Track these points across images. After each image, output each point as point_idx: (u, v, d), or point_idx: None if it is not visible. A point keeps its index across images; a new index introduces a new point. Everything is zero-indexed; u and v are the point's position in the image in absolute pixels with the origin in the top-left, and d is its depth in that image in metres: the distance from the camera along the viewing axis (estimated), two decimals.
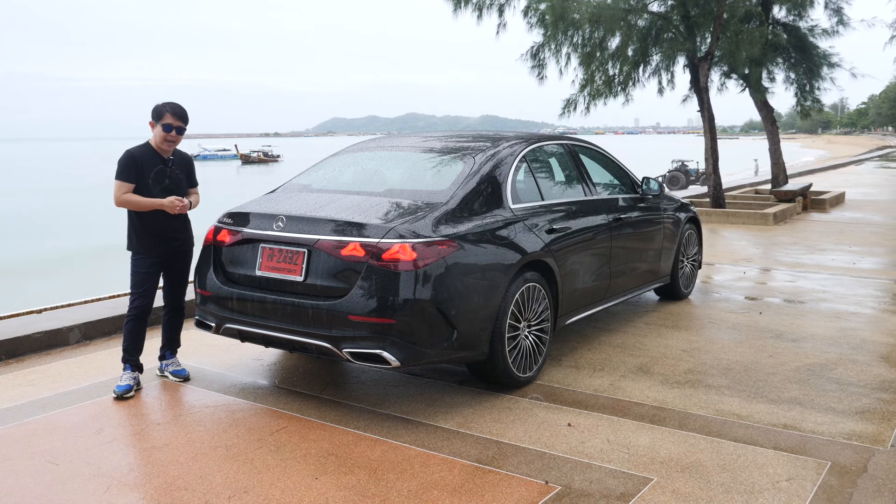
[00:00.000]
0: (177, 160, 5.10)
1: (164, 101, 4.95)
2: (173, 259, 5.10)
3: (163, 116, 4.91)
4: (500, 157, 5.18)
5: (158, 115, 4.92)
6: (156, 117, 4.92)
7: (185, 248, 5.16)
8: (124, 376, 4.96)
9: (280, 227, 4.63)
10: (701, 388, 4.94)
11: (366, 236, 4.34)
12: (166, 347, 5.26)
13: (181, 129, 4.98)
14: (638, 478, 3.67)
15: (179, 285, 5.22)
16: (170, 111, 4.92)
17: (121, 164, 4.86)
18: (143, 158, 4.91)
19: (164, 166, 4.98)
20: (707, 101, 14.77)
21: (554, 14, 13.85)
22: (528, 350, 4.94)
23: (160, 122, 4.91)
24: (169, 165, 5.01)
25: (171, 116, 4.92)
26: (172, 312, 5.24)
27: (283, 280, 4.57)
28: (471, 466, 3.81)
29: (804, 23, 16.82)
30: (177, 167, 5.08)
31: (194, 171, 5.31)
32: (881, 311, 7.11)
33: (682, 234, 7.35)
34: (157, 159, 4.97)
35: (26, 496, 3.55)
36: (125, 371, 4.98)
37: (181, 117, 4.96)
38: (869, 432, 4.21)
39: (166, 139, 4.93)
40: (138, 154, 4.91)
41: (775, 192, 16.47)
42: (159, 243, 4.99)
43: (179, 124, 4.96)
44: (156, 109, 4.95)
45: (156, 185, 4.93)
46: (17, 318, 6.46)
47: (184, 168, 5.16)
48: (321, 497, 3.50)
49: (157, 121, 4.92)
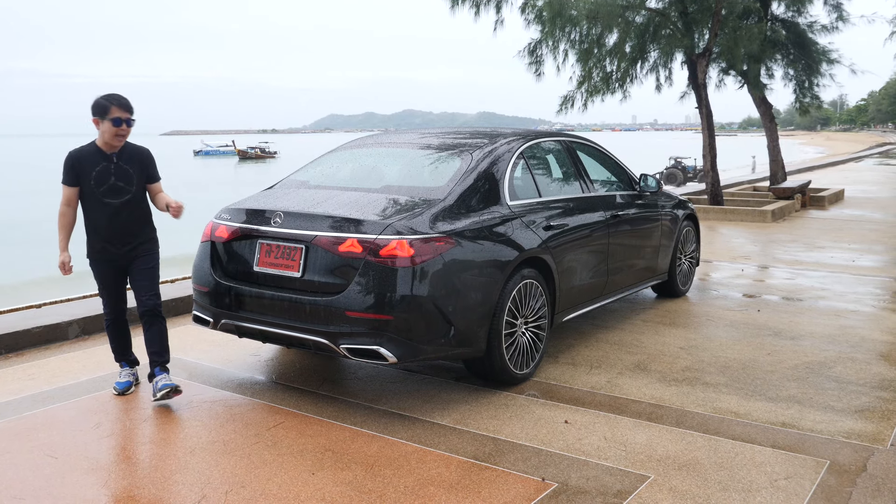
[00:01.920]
0: (126, 155, 4.64)
1: (104, 95, 4.56)
2: (132, 261, 4.71)
3: (109, 111, 4.49)
4: (497, 154, 5.18)
5: (104, 110, 4.50)
6: (100, 113, 4.50)
7: (144, 248, 4.74)
8: (123, 373, 4.91)
9: (278, 224, 4.63)
10: (698, 385, 4.94)
11: (363, 232, 4.34)
12: (154, 364, 4.72)
13: (130, 121, 4.56)
14: (635, 475, 3.67)
15: (148, 287, 4.71)
16: (116, 104, 4.51)
17: (63, 167, 4.56)
18: (83, 158, 4.54)
19: (107, 164, 4.56)
20: (705, 98, 14.76)
21: (551, 10, 13.84)
22: (525, 347, 4.94)
23: (107, 116, 4.49)
24: (114, 161, 4.58)
25: (119, 109, 4.51)
26: (149, 321, 4.71)
27: (280, 276, 4.56)
28: (467, 463, 3.81)
29: (803, 19, 16.84)
30: (126, 163, 4.62)
31: (153, 164, 4.79)
32: (880, 308, 7.11)
33: (680, 231, 7.35)
34: (98, 157, 4.56)
35: (25, 489, 3.55)
36: (123, 368, 4.93)
37: (128, 108, 4.55)
38: (868, 431, 4.21)
39: (118, 134, 4.53)
40: (78, 154, 4.56)
41: (774, 189, 16.47)
42: (110, 247, 4.64)
43: (128, 116, 4.54)
44: (98, 105, 4.52)
45: (100, 185, 4.54)
46: (17, 312, 6.46)
47: (136, 163, 4.66)
48: (318, 492, 3.50)
49: (102, 116, 4.50)
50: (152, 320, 4.72)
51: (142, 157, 4.72)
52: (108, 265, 4.71)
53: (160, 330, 4.74)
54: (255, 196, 5.29)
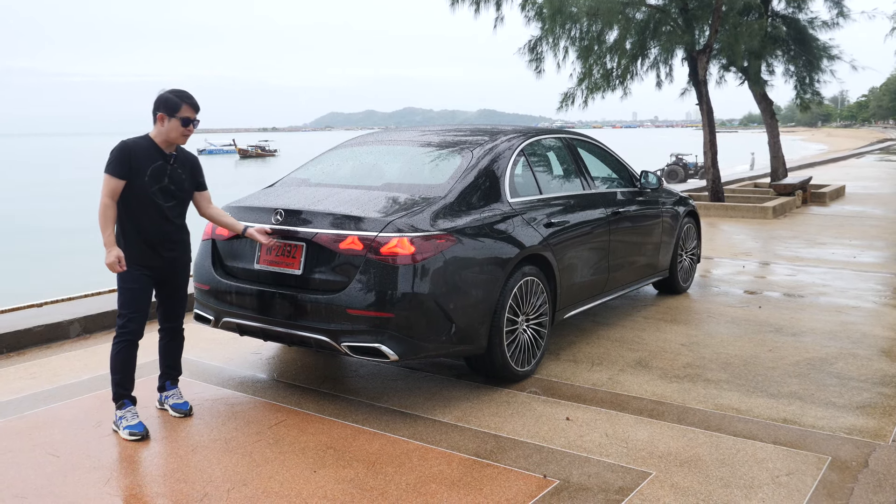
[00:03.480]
0: (180, 158, 4.33)
1: (174, 90, 4.23)
2: (169, 273, 4.36)
3: (180, 108, 4.16)
4: (497, 151, 5.17)
5: (174, 107, 4.16)
6: (170, 110, 4.16)
7: (184, 260, 4.45)
8: (130, 413, 4.22)
9: (278, 221, 4.63)
10: (700, 382, 4.94)
11: (364, 230, 4.34)
12: (166, 376, 4.56)
13: (197, 122, 4.28)
14: (636, 472, 3.67)
15: (178, 304, 4.48)
16: (188, 102, 4.20)
17: (112, 156, 4.10)
18: (140, 151, 4.15)
19: (164, 162, 4.21)
20: (705, 95, 14.75)
21: (551, 7, 13.84)
22: (526, 344, 4.94)
23: (176, 114, 4.16)
24: (171, 162, 4.26)
25: (190, 109, 4.20)
26: (171, 336, 4.52)
27: (281, 274, 4.56)
28: (469, 460, 3.81)
29: (804, 15, 16.82)
30: (179, 166, 4.31)
31: (202, 172, 4.50)
32: (882, 305, 7.11)
33: (681, 227, 7.35)
34: (156, 154, 4.20)
35: (27, 488, 3.55)
36: (125, 408, 4.23)
37: (198, 109, 4.26)
38: (870, 427, 4.21)
39: (184, 134, 4.22)
40: (134, 146, 4.14)
41: (775, 186, 16.46)
42: (153, 253, 4.24)
43: (195, 117, 4.25)
44: (168, 100, 4.17)
45: (154, 183, 4.17)
46: (18, 311, 6.46)
47: (187, 168, 4.37)
48: (320, 490, 3.50)
49: (171, 114, 4.16)
50: (176, 335, 4.54)
51: (193, 163, 4.42)
52: (144, 275, 4.23)
53: (179, 345, 4.57)
54: (256, 194, 5.29)
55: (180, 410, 4.48)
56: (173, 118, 4.17)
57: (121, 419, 4.19)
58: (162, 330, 4.52)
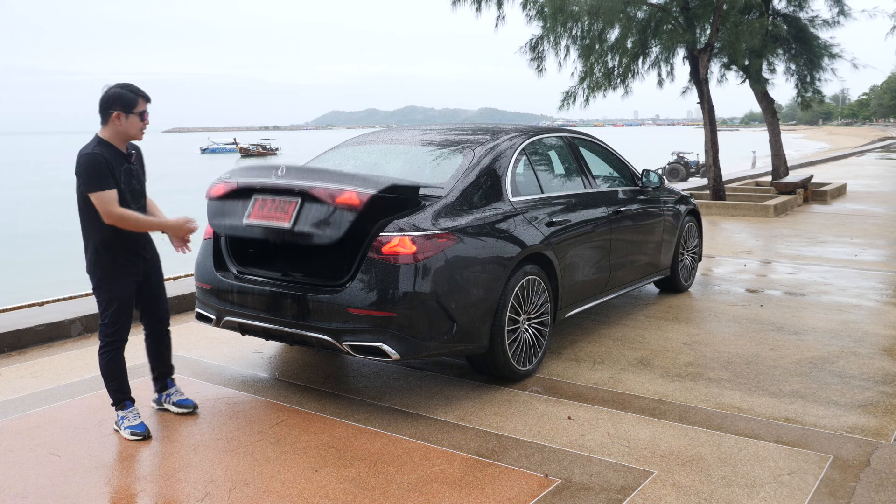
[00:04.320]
0: (136, 154, 4.20)
1: (121, 84, 4.04)
2: (152, 271, 4.32)
3: (136, 103, 4.01)
4: (499, 150, 5.17)
5: (130, 103, 4.00)
6: (126, 106, 3.98)
7: (157, 258, 4.39)
8: (132, 413, 4.20)
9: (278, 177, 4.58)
10: (702, 381, 4.94)
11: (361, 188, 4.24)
12: (164, 377, 4.52)
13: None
14: (638, 471, 3.67)
15: (161, 299, 4.41)
16: (142, 95, 4.05)
17: (92, 171, 3.90)
18: (109, 158, 3.97)
19: (128, 164, 4.08)
20: (707, 93, 14.74)
21: (553, 6, 13.84)
22: (527, 343, 4.94)
23: (134, 110, 4.01)
24: (131, 161, 4.12)
25: (144, 102, 4.05)
26: (160, 334, 4.47)
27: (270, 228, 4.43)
28: (471, 459, 3.80)
29: (804, 13, 16.81)
30: (136, 162, 4.19)
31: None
32: (883, 303, 7.10)
33: (683, 226, 7.34)
34: (120, 157, 4.05)
35: (29, 487, 3.55)
36: (128, 409, 4.21)
37: (149, 101, 4.11)
38: (871, 426, 4.20)
39: (143, 129, 4.08)
40: (102, 154, 3.95)
41: (776, 184, 16.45)
42: (136, 258, 4.18)
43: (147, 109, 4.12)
44: (123, 97, 4.00)
45: (126, 187, 4.05)
46: (19, 310, 6.47)
47: (141, 162, 4.26)
48: (321, 490, 3.50)
49: (128, 110, 3.99)
50: (165, 334, 4.49)
51: (140, 155, 4.29)
52: (132, 280, 4.18)
53: (169, 344, 4.53)
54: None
55: (187, 406, 4.47)
56: (131, 114, 4.01)
57: (122, 419, 4.18)
58: (150, 329, 4.44)
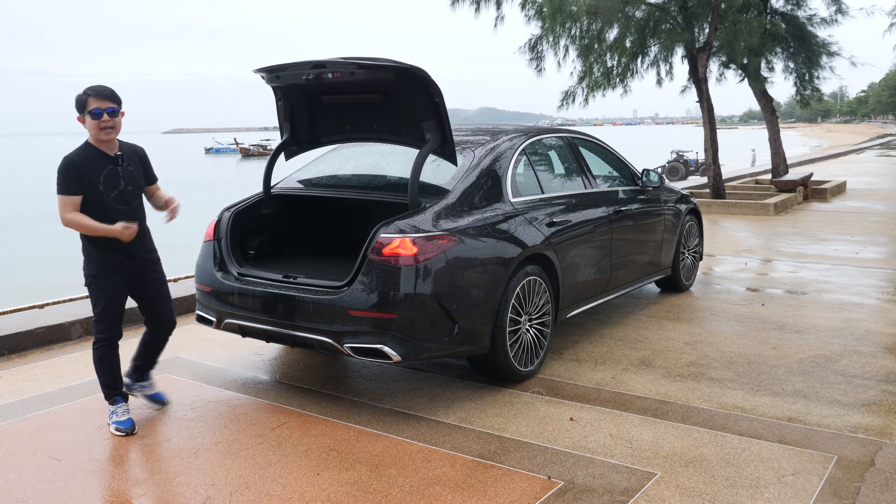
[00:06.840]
0: (127, 154, 4.19)
1: (84, 88, 4.06)
2: (150, 270, 4.33)
3: (86, 102, 4.00)
4: (499, 151, 5.15)
5: (81, 103, 4.01)
6: (80, 108, 4.02)
7: (157, 256, 4.40)
8: (121, 409, 4.25)
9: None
10: (704, 381, 4.92)
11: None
12: (145, 368, 4.53)
13: (114, 110, 4.03)
14: (641, 472, 3.65)
15: (163, 300, 4.41)
16: (93, 94, 4.00)
17: (59, 175, 3.97)
18: (86, 162, 4.01)
19: (113, 166, 4.09)
20: (706, 92, 14.73)
21: (551, 6, 13.83)
22: (529, 344, 4.92)
23: (86, 110, 4.00)
24: (119, 163, 4.12)
25: (96, 100, 3.99)
26: (165, 336, 4.50)
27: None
28: (473, 461, 3.79)
29: (802, 12, 16.82)
30: (129, 163, 4.18)
31: (150, 163, 4.39)
32: (885, 301, 7.09)
33: (683, 225, 7.33)
34: (102, 159, 4.07)
35: (29, 491, 3.54)
36: (118, 404, 4.25)
37: (108, 97, 4.03)
38: (875, 425, 4.19)
39: (100, 127, 4.00)
40: (77, 158, 4.01)
41: (776, 182, 16.43)
42: (127, 258, 4.17)
43: (109, 105, 4.01)
44: (77, 100, 4.05)
45: (110, 190, 4.06)
46: (19, 313, 6.45)
47: (138, 163, 4.26)
48: (322, 493, 3.48)
49: (82, 111, 4.02)
50: (163, 336, 4.50)
51: (141, 156, 4.31)
52: (122, 279, 4.20)
53: (165, 345, 4.56)
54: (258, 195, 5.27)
55: (160, 402, 4.55)
56: (86, 115, 4.02)
57: (112, 413, 4.26)
58: (150, 328, 4.45)
